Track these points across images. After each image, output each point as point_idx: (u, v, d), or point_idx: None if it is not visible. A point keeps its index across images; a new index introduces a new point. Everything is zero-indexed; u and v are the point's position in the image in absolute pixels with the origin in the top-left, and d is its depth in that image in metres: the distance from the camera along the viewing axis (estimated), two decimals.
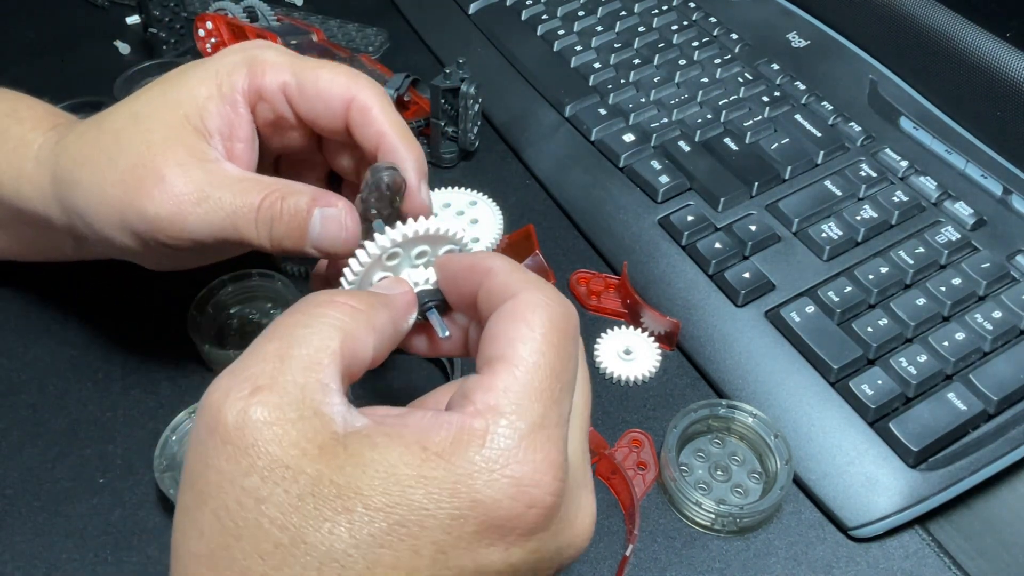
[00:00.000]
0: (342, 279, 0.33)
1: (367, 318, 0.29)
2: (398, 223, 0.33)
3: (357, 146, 0.37)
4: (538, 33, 0.64)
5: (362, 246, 0.33)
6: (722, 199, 0.51)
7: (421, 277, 0.33)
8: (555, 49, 0.62)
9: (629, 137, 0.55)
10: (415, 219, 0.33)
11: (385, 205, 0.34)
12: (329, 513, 0.24)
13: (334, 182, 0.42)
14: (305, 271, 0.50)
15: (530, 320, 0.28)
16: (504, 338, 0.28)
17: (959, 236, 0.48)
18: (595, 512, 0.29)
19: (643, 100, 0.57)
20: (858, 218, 0.49)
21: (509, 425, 0.26)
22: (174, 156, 0.36)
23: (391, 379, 0.46)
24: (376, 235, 0.33)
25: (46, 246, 0.45)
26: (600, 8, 0.65)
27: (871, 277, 0.46)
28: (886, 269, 0.47)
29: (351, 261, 0.33)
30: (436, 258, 0.34)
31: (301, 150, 0.40)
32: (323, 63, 0.37)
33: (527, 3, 0.66)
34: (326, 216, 0.35)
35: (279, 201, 0.35)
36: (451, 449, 0.25)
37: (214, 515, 0.25)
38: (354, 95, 0.36)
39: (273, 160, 0.42)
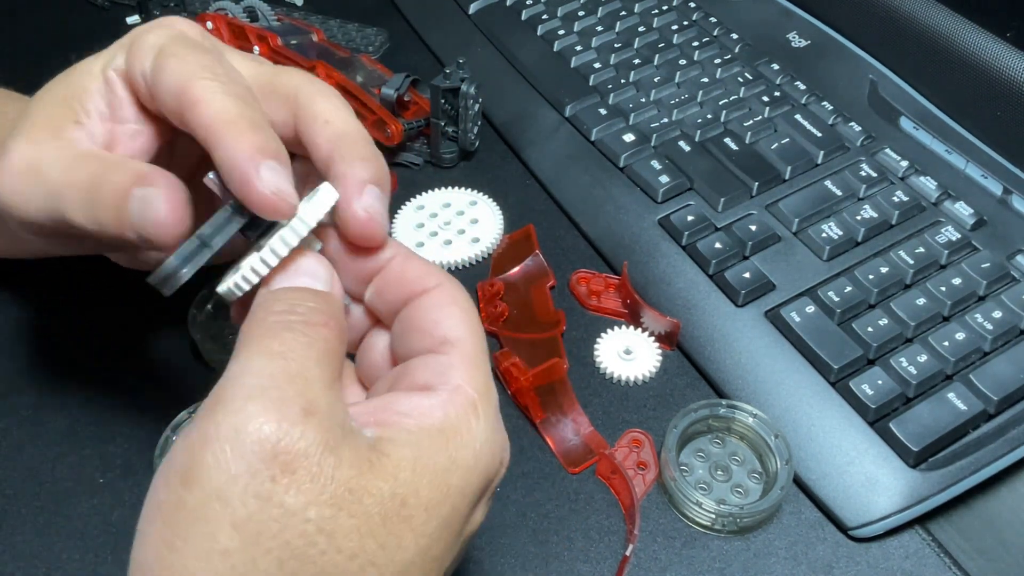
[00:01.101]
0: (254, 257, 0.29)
1: (339, 327, 0.29)
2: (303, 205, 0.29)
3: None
4: (538, 33, 0.64)
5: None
6: (722, 199, 0.51)
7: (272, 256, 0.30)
8: (555, 49, 0.62)
9: (629, 137, 0.55)
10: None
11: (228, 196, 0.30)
12: (396, 527, 0.25)
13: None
14: None
15: (463, 306, 0.30)
16: (447, 323, 0.29)
17: (959, 236, 0.48)
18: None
19: (643, 100, 0.57)
20: (858, 218, 0.49)
21: (485, 405, 0.28)
22: (30, 133, 0.33)
23: None
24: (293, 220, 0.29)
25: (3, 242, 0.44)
26: (600, 8, 0.65)
27: (871, 277, 0.46)
28: (886, 269, 0.47)
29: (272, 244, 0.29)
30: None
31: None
32: (186, 53, 0.31)
33: (527, 3, 0.66)
34: (144, 196, 0.30)
35: (101, 176, 0.31)
36: (463, 428, 0.27)
37: (276, 558, 0.23)
38: (185, 88, 0.30)
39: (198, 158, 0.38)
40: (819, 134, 0.54)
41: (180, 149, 0.37)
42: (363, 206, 0.30)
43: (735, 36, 0.62)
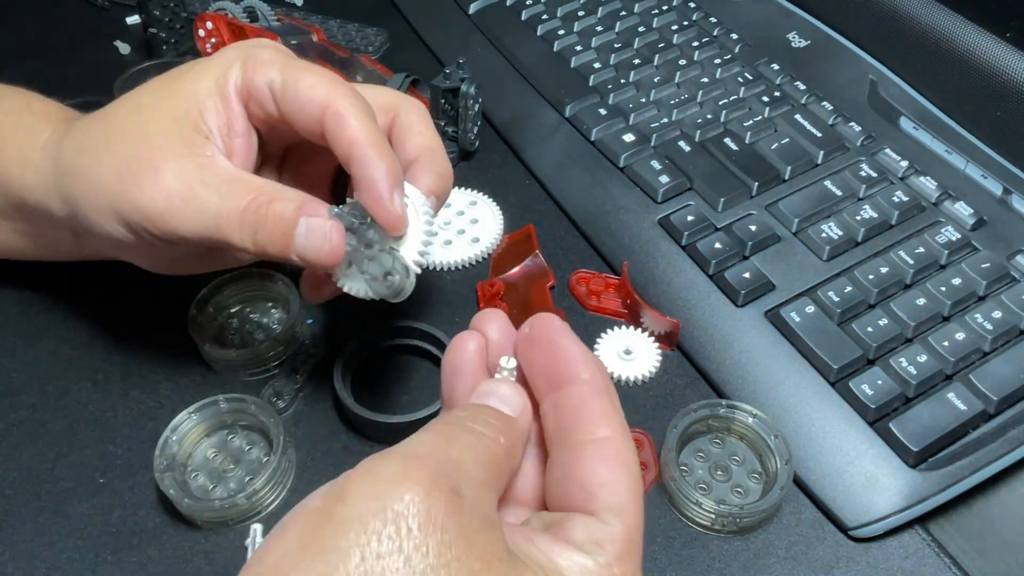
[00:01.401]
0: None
1: (510, 447, 0.29)
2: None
3: None
4: (538, 33, 0.64)
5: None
6: (722, 199, 0.51)
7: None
8: (555, 49, 0.62)
9: (629, 137, 0.55)
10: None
11: (360, 215, 0.36)
12: None
13: (344, 174, 0.42)
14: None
15: (631, 468, 0.29)
16: (613, 487, 0.28)
17: (959, 236, 0.48)
18: None
19: (643, 100, 0.57)
20: (858, 218, 0.49)
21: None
22: (170, 150, 0.36)
23: (390, 380, 0.46)
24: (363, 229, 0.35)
25: (47, 242, 0.45)
26: (600, 8, 0.65)
27: (871, 277, 0.46)
28: (886, 269, 0.47)
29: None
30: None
31: (304, 144, 0.40)
32: (311, 67, 0.37)
33: (527, 3, 0.66)
34: (311, 226, 0.35)
35: (265, 206, 0.35)
36: None
37: None
38: (330, 103, 0.35)
39: (282, 153, 0.42)
40: (819, 134, 0.54)
41: (268, 154, 0.41)
42: (394, 207, 0.36)
43: (735, 36, 0.62)
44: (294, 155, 0.42)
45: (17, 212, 0.43)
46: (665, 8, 0.65)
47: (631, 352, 0.46)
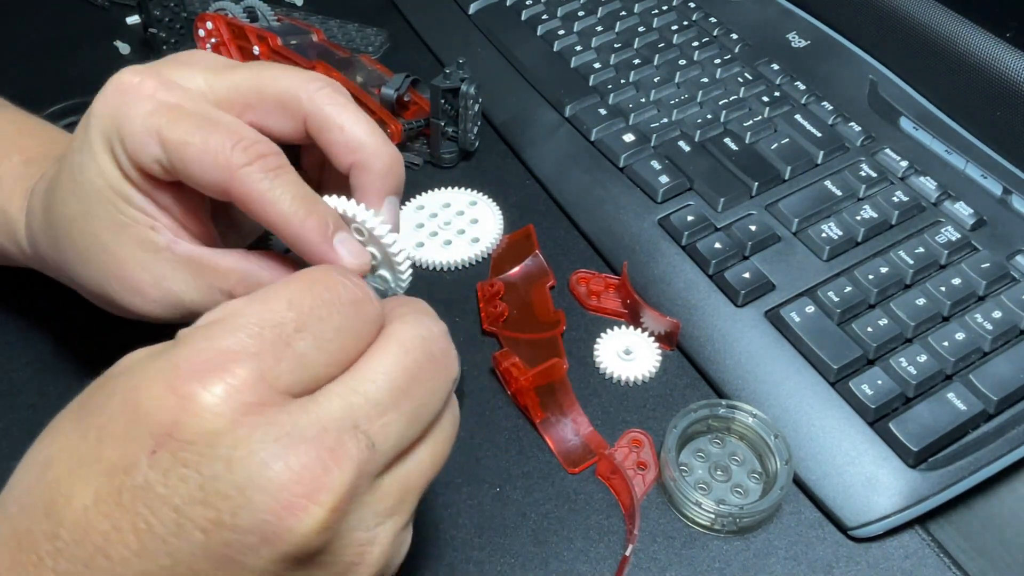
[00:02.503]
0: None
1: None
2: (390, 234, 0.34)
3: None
4: (538, 33, 0.64)
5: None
6: (722, 199, 0.51)
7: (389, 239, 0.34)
8: (555, 49, 0.62)
9: (629, 137, 0.55)
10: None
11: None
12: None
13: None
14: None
15: (315, 273, 0.28)
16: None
17: (959, 236, 0.48)
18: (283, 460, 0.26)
19: (643, 100, 0.57)
20: (858, 218, 0.49)
21: (207, 331, 0.26)
22: (126, 251, 0.34)
23: None
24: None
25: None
26: (600, 8, 0.65)
27: (871, 277, 0.46)
28: (886, 269, 0.47)
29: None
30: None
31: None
32: (193, 121, 0.31)
33: (527, 3, 0.66)
34: None
35: (239, 285, 0.34)
36: (175, 342, 0.27)
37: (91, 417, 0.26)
38: (231, 182, 0.31)
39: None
40: (819, 134, 0.54)
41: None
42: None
43: (735, 36, 0.62)
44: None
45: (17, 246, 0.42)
46: (665, 8, 0.65)
47: (631, 352, 0.47)
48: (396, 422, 0.27)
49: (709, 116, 0.56)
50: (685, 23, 0.64)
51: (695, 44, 0.62)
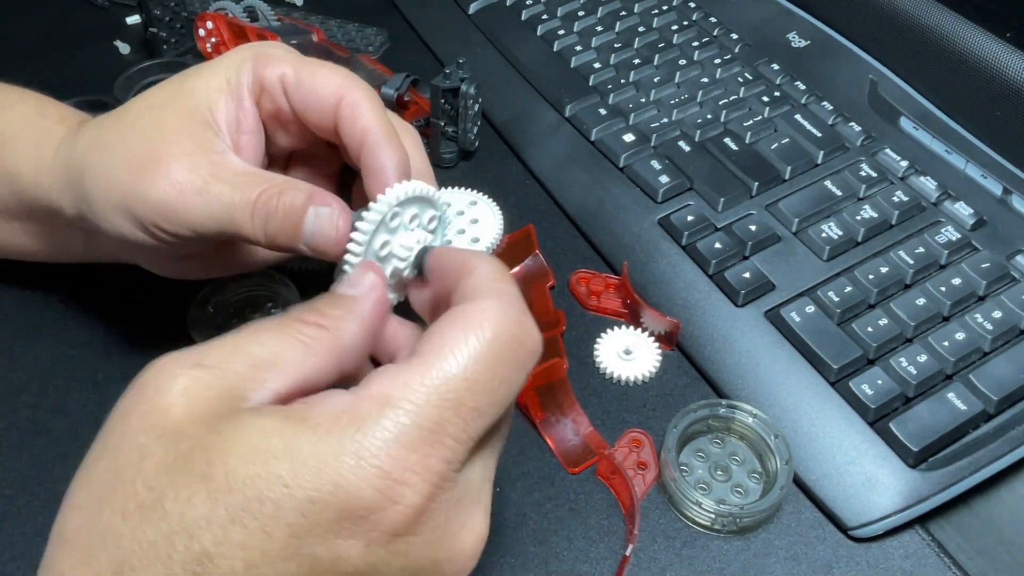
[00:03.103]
0: (349, 245, 0.34)
1: (332, 340, 0.28)
2: (387, 188, 0.34)
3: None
4: (538, 33, 0.64)
5: (356, 229, 0.34)
6: (722, 199, 0.51)
7: (413, 240, 0.35)
8: (555, 49, 0.62)
9: (629, 137, 0.55)
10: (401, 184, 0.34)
11: (413, 270, 0.35)
12: (191, 479, 0.23)
13: (348, 176, 0.43)
14: (308, 269, 0.50)
15: (469, 327, 0.27)
16: (437, 338, 0.26)
17: (959, 236, 0.48)
18: (485, 533, 0.28)
19: (643, 100, 0.57)
20: (858, 218, 0.49)
21: (394, 419, 0.25)
22: (181, 145, 0.36)
23: None
24: (371, 204, 0.34)
25: (57, 243, 0.45)
26: (600, 8, 0.65)
27: (871, 277, 0.46)
28: (886, 269, 0.47)
29: (354, 234, 0.34)
30: (426, 234, 0.35)
31: (311, 146, 0.41)
32: (324, 63, 0.38)
33: (527, 3, 0.66)
34: (320, 215, 0.35)
35: (276, 197, 0.35)
36: (327, 426, 0.24)
37: (104, 468, 0.25)
38: (344, 93, 0.36)
39: (286, 156, 0.42)
40: (819, 134, 0.54)
41: (274, 156, 0.41)
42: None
43: (735, 36, 0.62)
44: (298, 159, 0.43)
45: (29, 213, 0.43)
46: (665, 8, 0.65)
47: (631, 352, 0.47)
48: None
49: (709, 116, 0.56)
50: (685, 23, 0.64)
51: (695, 44, 0.62)
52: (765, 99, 0.57)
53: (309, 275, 0.49)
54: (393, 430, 0.25)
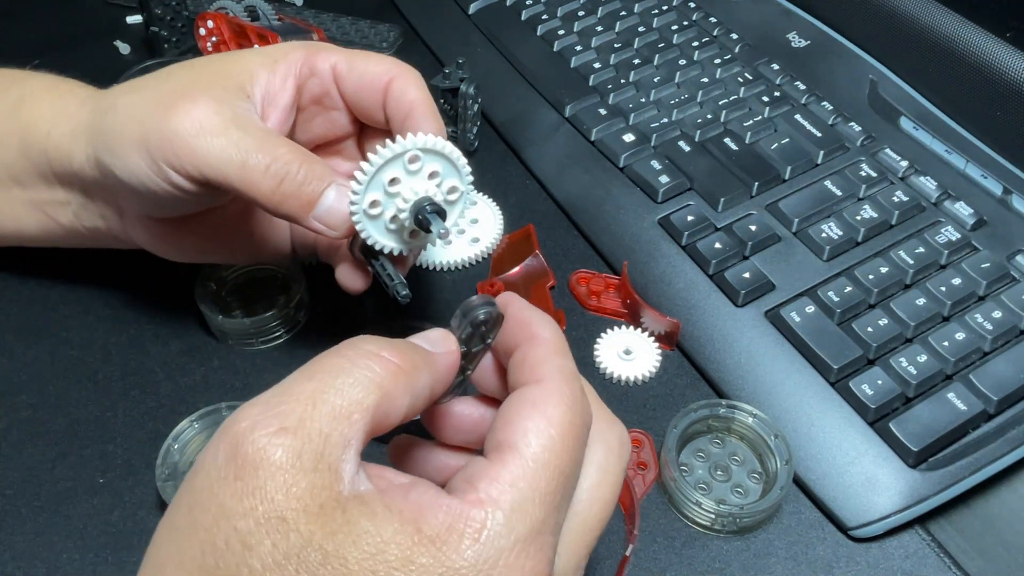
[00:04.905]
0: (362, 163, 0.35)
1: (407, 381, 0.27)
2: (399, 136, 0.35)
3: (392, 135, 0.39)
4: (538, 33, 0.64)
5: (375, 152, 0.35)
6: (722, 199, 0.51)
7: (423, 188, 0.36)
8: (555, 49, 0.62)
9: (629, 137, 0.55)
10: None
11: (477, 341, 0.31)
12: None
13: None
14: (315, 263, 0.49)
15: (550, 415, 0.27)
16: (520, 426, 0.26)
17: (959, 236, 0.48)
18: None
19: (643, 100, 0.57)
20: (858, 218, 0.49)
21: (507, 524, 0.25)
22: (211, 92, 0.37)
23: None
24: (387, 141, 0.35)
25: (53, 216, 0.45)
26: (600, 8, 0.65)
27: (871, 277, 0.46)
28: (886, 269, 0.47)
29: (370, 155, 0.35)
30: (440, 193, 0.37)
31: (339, 139, 0.43)
32: (372, 54, 0.41)
33: (527, 3, 0.66)
34: (341, 191, 0.37)
35: (299, 163, 0.36)
36: (444, 536, 0.24)
37: (200, 548, 0.24)
38: (395, 75, 0.39)
39: (311, 149, 0.43)
40: (819, 134, 0.54)
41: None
42: None
43: (735, 36, 0.62)
44: (320, 153, 0.44)
45: (32, 174, 0.43)
46: (665, 8, 0.65)
47: (631, 352, 0.46)
48: None
49: (709, 116, 0.56)
50: (685, 23, 0.64)
51: (695, 44, 0.62)
52: (765, 99, 0.57)
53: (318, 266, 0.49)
54: (508, 537, 0.25)
